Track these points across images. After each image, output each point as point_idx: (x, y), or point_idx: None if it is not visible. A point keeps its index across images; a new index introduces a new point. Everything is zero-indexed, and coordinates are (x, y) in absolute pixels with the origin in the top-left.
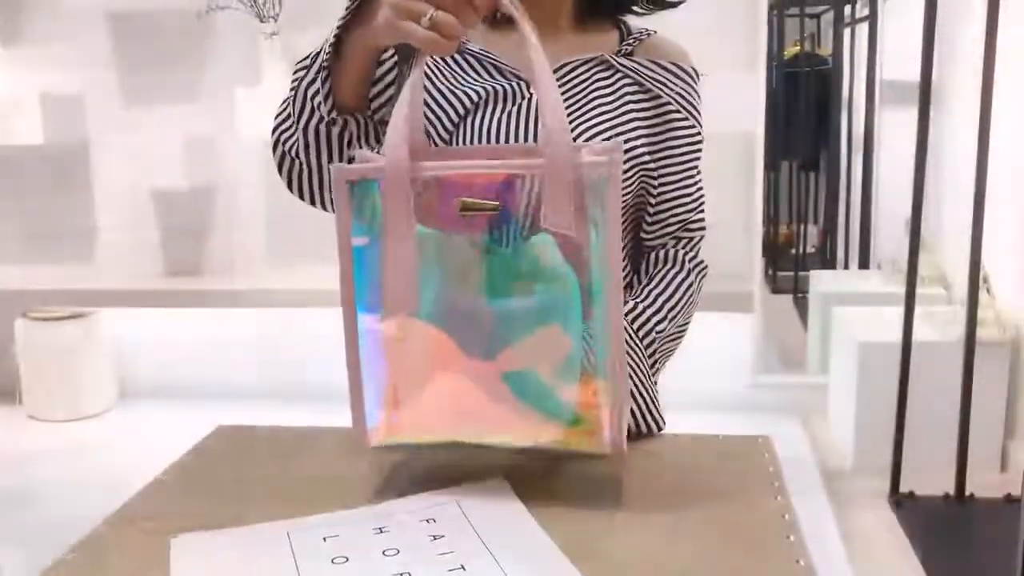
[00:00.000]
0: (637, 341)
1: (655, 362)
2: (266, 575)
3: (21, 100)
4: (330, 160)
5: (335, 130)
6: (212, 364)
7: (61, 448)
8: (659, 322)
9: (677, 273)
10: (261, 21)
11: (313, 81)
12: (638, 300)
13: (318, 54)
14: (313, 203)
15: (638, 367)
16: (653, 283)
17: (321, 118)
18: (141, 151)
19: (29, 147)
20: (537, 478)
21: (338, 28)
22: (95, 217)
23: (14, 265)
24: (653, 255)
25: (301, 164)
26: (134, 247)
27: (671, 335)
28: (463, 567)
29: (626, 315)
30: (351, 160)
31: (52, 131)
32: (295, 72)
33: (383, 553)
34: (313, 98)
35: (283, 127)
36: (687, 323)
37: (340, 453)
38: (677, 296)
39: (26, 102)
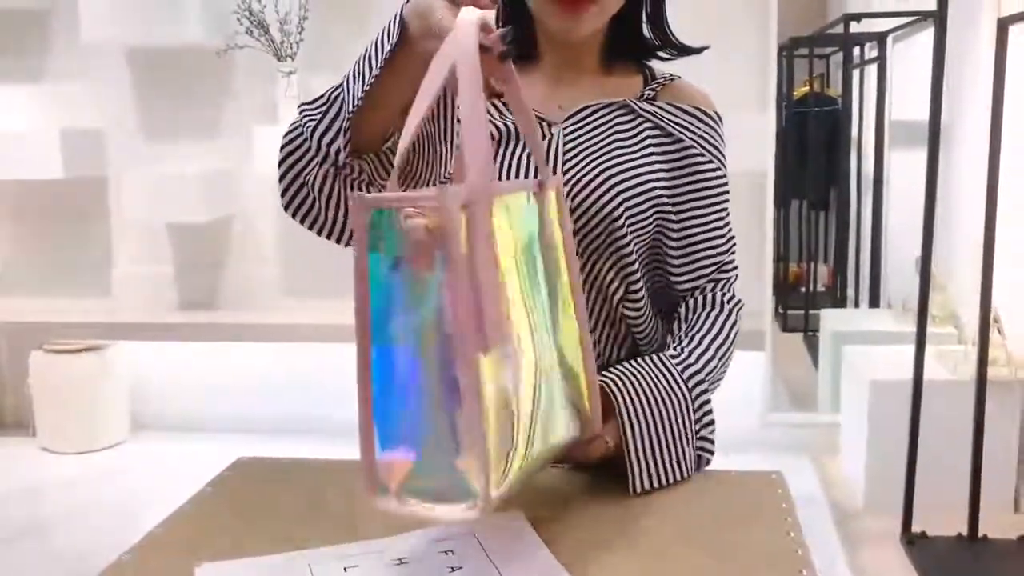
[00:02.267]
0: (683, 385)
1: (703, 404)
2: None
3: (42, 135)
4: (338, 199)
5: (344, 172)
6: (226, 398)
7: (74, 480)
8: (709, 360)
9: (719, 315)
10: (279, 60)
11: (328, 130)
12: (685, 346)
13: (330, 101)
14: (312, 229)
15: (679, 413)
16: (698, 327)
17: (335, 163)
18: (159, 186)
19: (49, 181)
20: (553, 511)
21: (372, 79)
22: (112, 250)
23: (31, 297)
24: (692, 300)
25: (312, 197)
26: (150, 280)
27: (720, 377)
28: None
29: (680, 363)
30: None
31: (72, 165)
32: (303, 113)
33: None
34: (330, 145)
35: (294, 157)
36: (730, 362)
37: (360, 485)
38: (722, 337)
39: (47, 137)
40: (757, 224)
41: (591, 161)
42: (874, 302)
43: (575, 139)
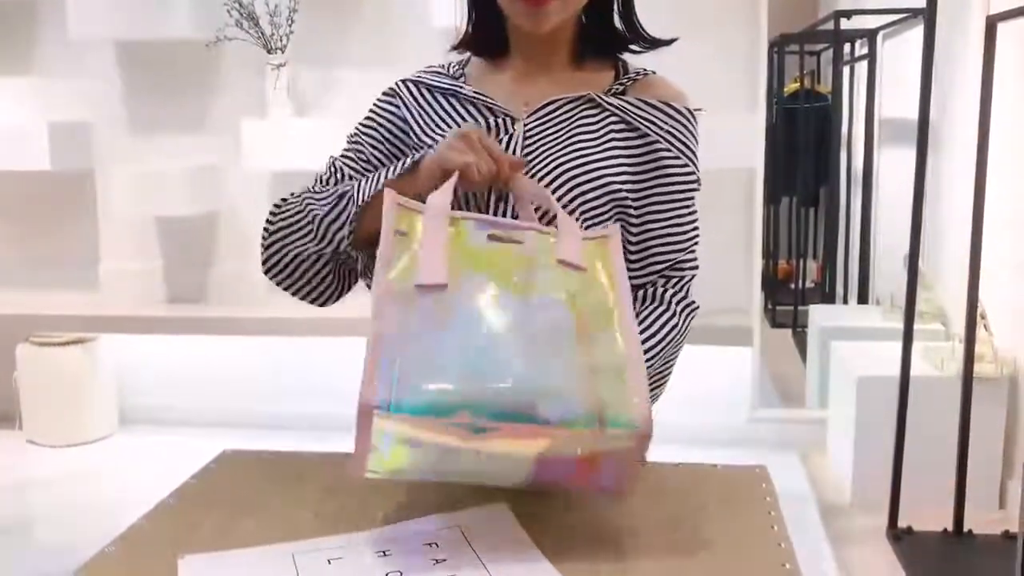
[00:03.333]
0: None
1: None
2: None
3: (29, 127)
4: (325, 275)
5: (340, 257)
6: (214, 392)
7: (60, 474)
8: None
9: (662, 312)
10: (268, 52)
11: (335, 220)
12: None
13: (339, 195)
14: (290, 292)
15: None
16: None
17: (336, 248)
18: (147, 179)
19: (36, 173)
20: (537, 505)
21: (387, 181)
22: (99, 244)
23: (18, 290)
24: (640, 293)
25: (300, 269)
26: (138, 274)
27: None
28: None
29: None
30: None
31: (59, 158)
32: (307, 201)
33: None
34: (336, 232)
35: (291, 236)
36: (669, 363)
37: (344, 478)
38: (658, 335)
39: (34, 129)
40: (747, 220)
41: (548, 157)
42: (862, 298)
43: (536, 135)
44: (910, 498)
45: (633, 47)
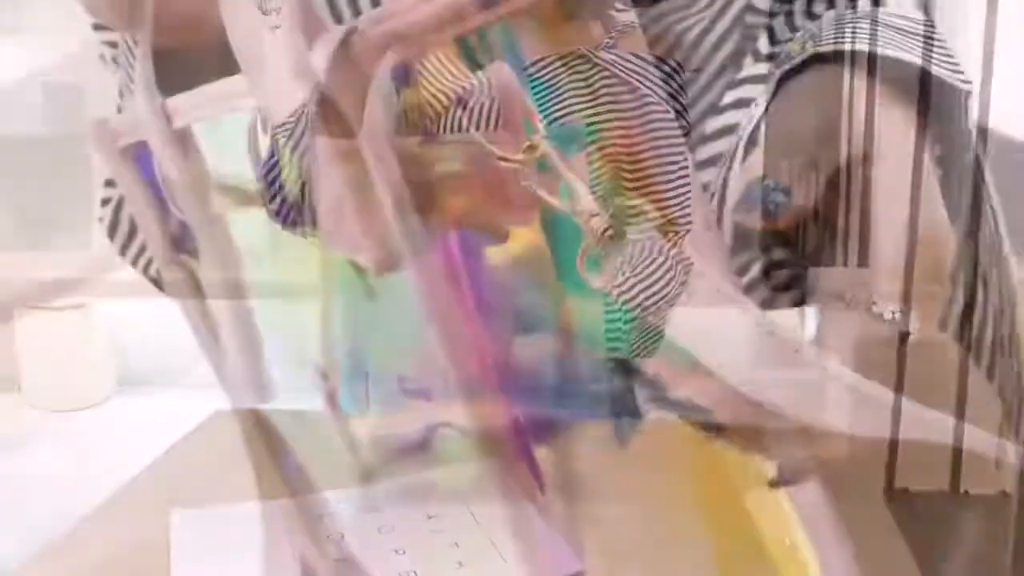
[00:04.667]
0: None
1: None
2: (263, 550)
3: (21, 87)
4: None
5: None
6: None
7: (60, 437)
8: None
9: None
10: (264, 14)
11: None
12: None
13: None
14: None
15: None
16: None
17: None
18: (141, 140)
19: (29, 135)
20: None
21: None
22: (94, 206)
23: (13, 253)
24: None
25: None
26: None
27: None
28: (456, 544)
29: None
30: None
31: (52, 119)
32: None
33: (379, 531)
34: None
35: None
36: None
37: (337, 435)
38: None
39: (26, 89)
40: None
41: (546, 118)
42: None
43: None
44: (907, 459)
45: (618, 4)
